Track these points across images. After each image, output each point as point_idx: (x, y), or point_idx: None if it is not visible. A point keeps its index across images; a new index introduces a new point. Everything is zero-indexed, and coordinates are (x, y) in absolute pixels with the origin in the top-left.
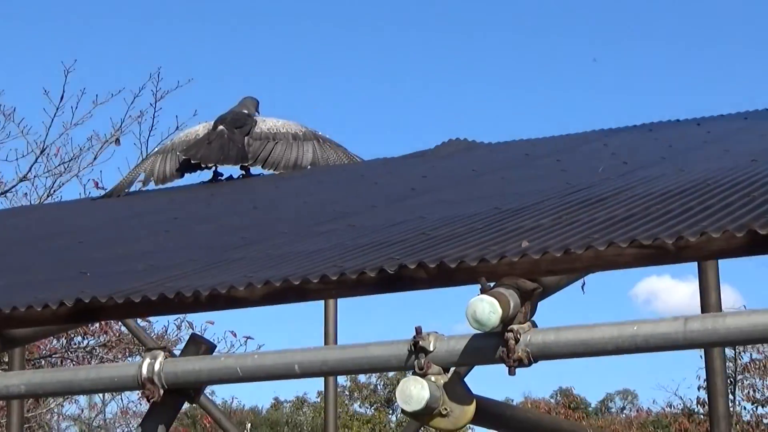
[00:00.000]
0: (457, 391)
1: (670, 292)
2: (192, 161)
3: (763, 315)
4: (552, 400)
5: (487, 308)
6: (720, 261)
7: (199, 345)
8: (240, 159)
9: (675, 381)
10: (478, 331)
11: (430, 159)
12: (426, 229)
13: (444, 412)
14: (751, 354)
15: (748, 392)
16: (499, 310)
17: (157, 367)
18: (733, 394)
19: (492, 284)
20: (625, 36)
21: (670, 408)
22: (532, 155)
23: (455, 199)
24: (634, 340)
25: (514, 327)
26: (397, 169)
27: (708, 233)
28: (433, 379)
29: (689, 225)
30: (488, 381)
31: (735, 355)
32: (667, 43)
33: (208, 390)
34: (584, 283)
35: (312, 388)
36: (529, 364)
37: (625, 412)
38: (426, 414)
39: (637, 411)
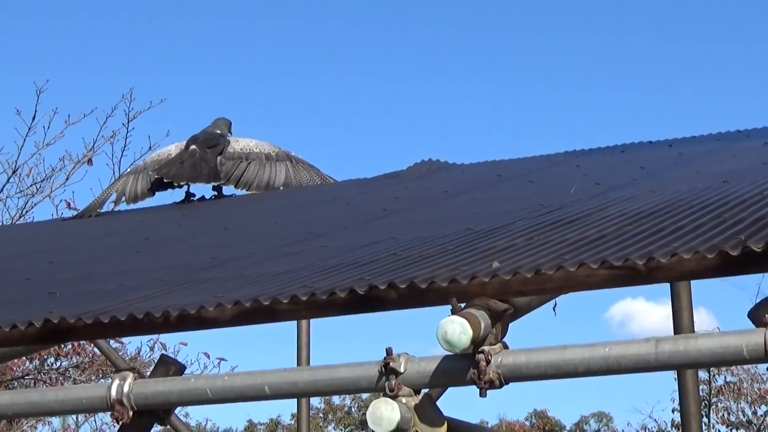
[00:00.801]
0: (428, 413)
1: (645, 314)
2: (164, 180)
3: (734, 337)
4: (527, 423)
5: (458, 329)
6: (693, 283)
7: (168, 366)
8: (212, 178)
9: (649, 403)
10: (449, 353)
11: (403, 180)
12: (397, 249)
13: None
14: (725, 376)
15: (723, 415)
16: (470, 332)
17: (126, 388)
18: (708, 417)
19: (463, 305)
20: (598, 58)
21: (645, 431)
22: (504, 176)
23: (427, 220)
24: (606, 362)
25: (485, 348)
26: (369, 190)
27: (679, 254)
28: (404, 400)
29: (660, 246)
30: (463, 403)
31: (709, 377)
32: (640, 65)
33: (181, 412)
34: (555, 305)
35: (286, 410)
36: (501, 386)
37: None
38: None
39: None
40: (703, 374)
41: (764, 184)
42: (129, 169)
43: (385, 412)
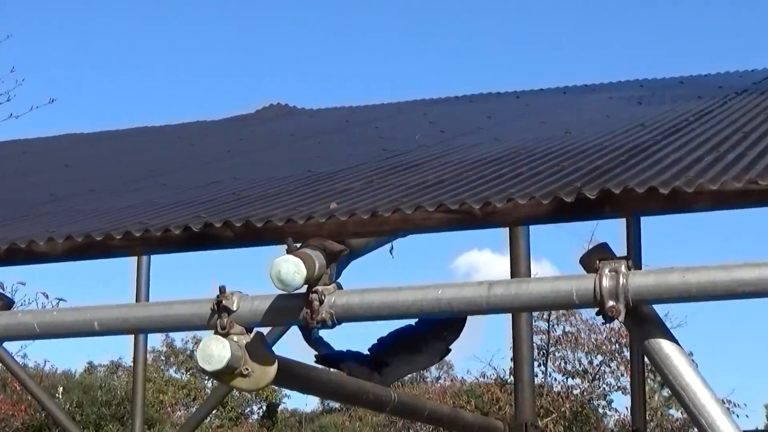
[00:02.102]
0: (259, 351)
1: (490, 265)
2: None
3: (565, 281)
4: None
5: (292, 268)
6: (540, 234)
7: None
8: None
9: (489, 351)
10: (283, 292)
11: (249, 123)
12: (237, 189)
13: (245, 372)
14: (564, 327)
15: (560, 364)
16: (304, 271)
17: None
18: (545, 365)
19: (299, 245)
20: (453, 5)
21: (484, 378)
22: (352, 122)
23: (270, 162)
24: (438, 304)
25: (319, 288)
26: (214, 132)
27: (515, 199)
28: (235, 338)
29: (498, 191)
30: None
31: (548, 327)
32: (488, 17)
33: (19, 353)
34: (392, 247)
35: (127, 352)
36: (333, 326)
37: (440, 381)
38: (227, 373)
39: (452, 380)
40: (542, 324)
41: (605, 136)
42: None
43: (216, 349)
